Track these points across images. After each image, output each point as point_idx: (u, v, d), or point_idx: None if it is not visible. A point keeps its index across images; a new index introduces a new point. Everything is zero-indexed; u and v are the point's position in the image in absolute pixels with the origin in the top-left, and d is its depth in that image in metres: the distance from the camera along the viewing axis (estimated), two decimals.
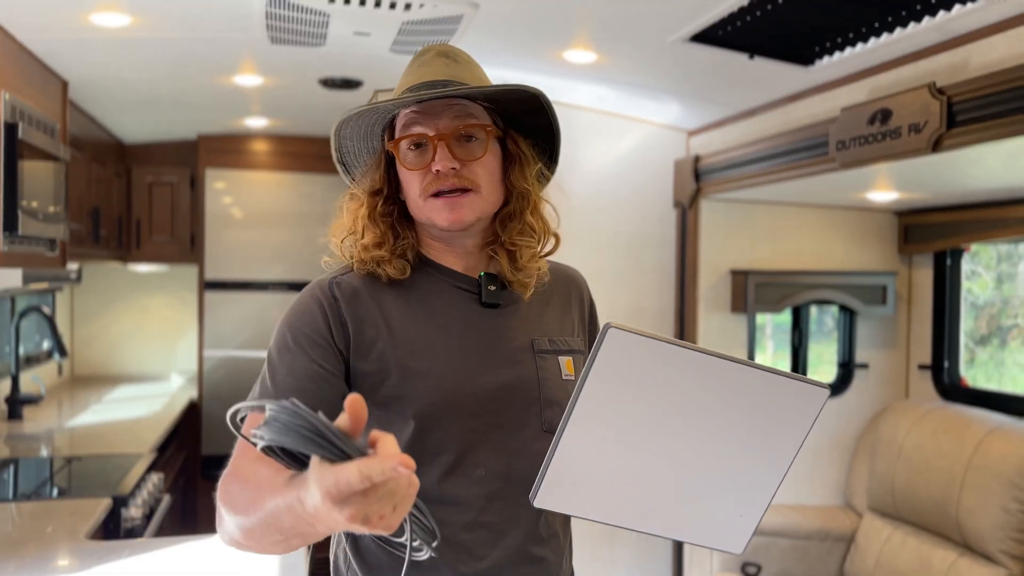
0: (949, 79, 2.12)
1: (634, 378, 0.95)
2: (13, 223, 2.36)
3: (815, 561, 3.22)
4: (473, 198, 1.21)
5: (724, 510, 1.06)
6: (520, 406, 1.22)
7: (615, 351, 0.93)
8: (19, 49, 2.49)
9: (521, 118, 1.29)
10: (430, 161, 1.20)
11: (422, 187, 1.21)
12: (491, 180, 1.24)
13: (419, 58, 1.28)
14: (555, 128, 1.30)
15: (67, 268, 3.08)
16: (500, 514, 1.20)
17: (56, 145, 2.77)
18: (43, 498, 2.52)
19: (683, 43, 2.42)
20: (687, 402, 0.98)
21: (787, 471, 1.03)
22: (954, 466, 2.78)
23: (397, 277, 1.23)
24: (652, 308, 3.52)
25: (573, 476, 1.00)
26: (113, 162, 4.18)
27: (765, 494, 1.05)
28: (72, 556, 1.95)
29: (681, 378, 0.96)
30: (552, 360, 1.26)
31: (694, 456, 1.02)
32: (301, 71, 3.04)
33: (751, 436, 1.01)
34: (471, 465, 1.19)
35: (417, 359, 1.20)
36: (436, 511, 1.17)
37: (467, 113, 1.22)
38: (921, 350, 3.40)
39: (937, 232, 3.26)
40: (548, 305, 1.33)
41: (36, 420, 3.59)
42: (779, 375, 0.98)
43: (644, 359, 0.94)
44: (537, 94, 1.24)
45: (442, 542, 1.17)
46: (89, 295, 4.81)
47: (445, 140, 1.19)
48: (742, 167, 2.96)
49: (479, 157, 1.21)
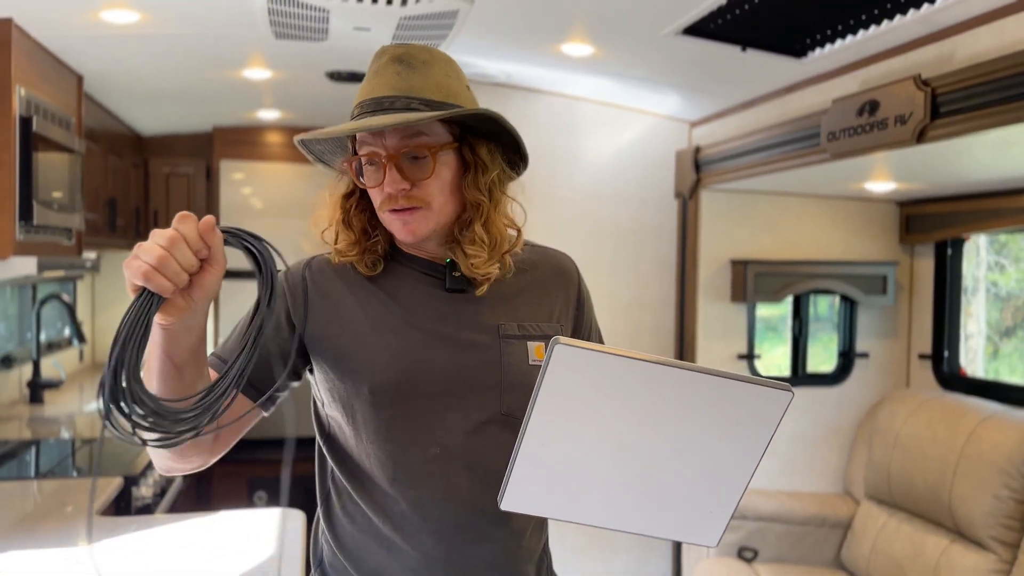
0: (936, 71, 2.14)
1: (587, 390, 0.96)
2: (28, 213, 2.45)
3: (811, 547, 3.27)
4: (425, 213, 1.22)
5: (693, 507, 1.06)
6: (479, 389, 1.25)
7: (564, 365, 0.93)
8: (34, 45, 2.58)
9: (479, 125, 1.25)
10: (382, 180, 1.21)
11: (379, 203, 1.24)
12: (444, 194, 1.23)
13: (375, 63, 1.26)
14: (516, 138, 1.27)
15: (83, 257, 3.19)
16: (453, 492, 1.22)
17: (71, 138, 2.86)
18: (59, 476, 2.63)
19: (676, 36, 2.47)
20: (644, 410, 0.98)
21: (755, 469, 1.03)
22: (948, 454, 2.81)
23: (368, 274, 1.28)
24: (652, 298, 3.57)
25: (537, 480, 1.01)
26: (131, 154, 4.29)
27: (734, 492, 1.05)
28: (80, 531, 2.05)
29: (635, 388, 0.96)
30: (519, 345, 1.28)
31: (658, 460, 1.02)
32: (308, 65, 3.11)
33: (713, 440, 1.01)
34: (426, 443, 1.22)
35: (377, 336, 1.24)
36: (390, 487, 1.23)
37: (416, 131, 1.20)
38: (922, 340, 3.42)
39: (938, 222, 3.28)
40: (522, 290, 1.34)
41: (56, 403, 3.72)
42: (738, 380, 0.97)
43: (595, 372, 0.94)
44: (494, 117, 1.21)
45: (395, 517, 1.23)
46: (109, 283, 4.93)
47: (394, 161, 1.19)
48: (739, 158, 3.00)
49: (428, 176, 1.20)
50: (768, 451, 1.03)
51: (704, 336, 3.38)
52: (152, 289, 0.95)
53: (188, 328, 1.04)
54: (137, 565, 1.83)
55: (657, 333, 3.58)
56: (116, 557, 1.88)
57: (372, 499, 1.25)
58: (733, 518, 1.07)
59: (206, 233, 0.98)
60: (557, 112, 3.43)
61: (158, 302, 0.97)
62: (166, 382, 1.06)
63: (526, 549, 1.31)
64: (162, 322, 1.00)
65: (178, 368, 1.06)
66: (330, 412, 1.29)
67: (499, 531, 1.25)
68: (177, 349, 1.04)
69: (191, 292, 1.00)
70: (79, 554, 1.88)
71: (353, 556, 1.28)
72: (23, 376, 3.73)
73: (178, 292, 0.98)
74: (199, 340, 1.07)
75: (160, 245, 0.95)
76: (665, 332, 3.59)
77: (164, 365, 1.05)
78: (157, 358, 1.04)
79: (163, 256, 0.94)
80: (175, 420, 0.99)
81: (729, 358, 3.41)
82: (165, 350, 1.04)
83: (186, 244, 0.96)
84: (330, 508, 1.32)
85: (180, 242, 0.96)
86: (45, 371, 3.85)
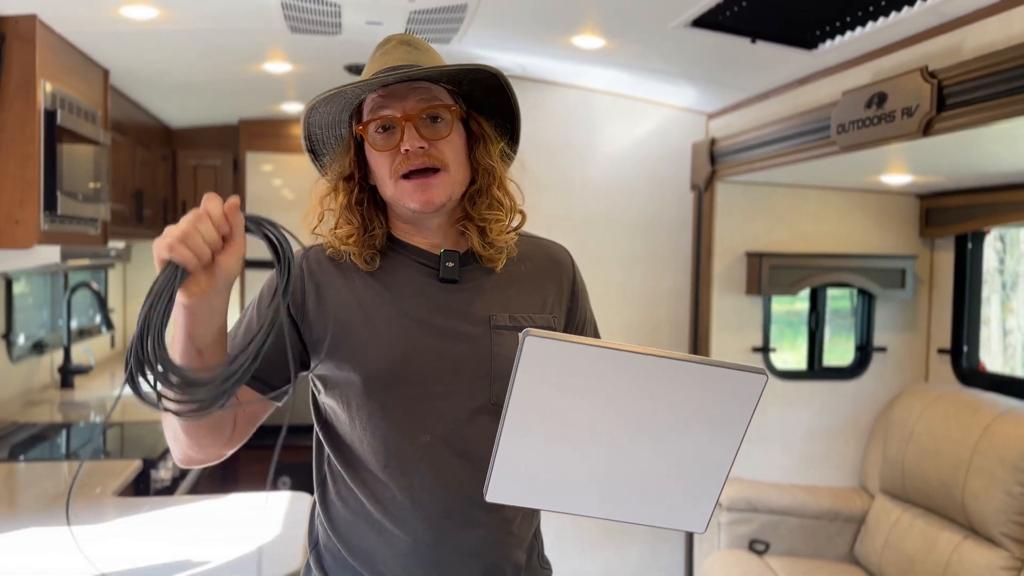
0: (943, 63, 2.12)
1: (561, 381, 0.97)
2: (53, 204, 2.54)
3: (824, 541, 3.25)
4: (442, 177, 1.26)
5: (677, 494, 1.07)
6: (469, 378, 1.27)
7: (536, 358, 0.94)
8: (59, 40, 2.66)
9: (483, 99, 1.34)
10: (398, 142, 1.24)
11: (392, 168, 1.26)
12: (458, 159, 1.29)
13: (382, 47, 1.34)
14: (515, 108, 1.34)
15: (109, 246, 3.28)
16: (443, 479, 1.26)
17: (97, 130, 2.95)
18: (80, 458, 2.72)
19: (685, 28, 2.47)
20: (619, 399, 0.99)
21: (735, 454, 1.04)
22: (961, 450, 2.79)
23: (366, 269, 1.30)
24: (667, 290, 3.57)
25: (520, 471, 1.03)
26: (159, 146, 4.39)
27: (717, 477, 1.05)
28: (94, 510, 2.13)
29: (609, 377, 0.97)
30: (510, 336, 1.30)
31: (637, 448, 1.03)
32: (325, 58, 3.16)
33: (691, 426, 1.02)
34: (417, 431, 1.26)
35: (369, 326, 1.27)
36: (382, 472, 1.27)
37: (432, 95, 1.27)
38: (942, 334, 3.38)
39: (958, 215, 3.24)
40: (516, 281, 1.36)
41: (86, 388, 3.83)
42: (711, 366, 0.97)
43: (567, 362, 0.95)
44: (496, 73, 1.28)
45: (386, 501, 1.27)
46: (140, 272, 5.06)
47: (412, 121, 1.24)
48: (753, 150, 2.99)
49: (445, 136, 1.26)
50: (783, 445, 1.04)
51: (718, 329, 3.38)
52: (177, 260, 1.00)
53: (210, 310, 1.08)
54: (138, 544, 1.90)
55: (671, 325, 3.59)
56: (116, 536, 1.95)
57: (365, 484, 1.29)
58: (743, 511, 1.07)
59: (230, 212, 1.03)
60: (573, 104, 3.45)
61: (182, 275, 1.01)
62: (188, 365, 1.11)
63: (515, 536, 1.33)
64: (185, 301, 1.05)
65: (200, 352, 1.10)
66: (325, 400, 1.33)
67: (488, 517, 1.28)
68: (200, 331, 1.09)
69: (214, 271, 1.05)
70: (99, 533, 1.96)
71: (346, 539, 1.32)
72: (54, 362, 3.86)
73: (201, 269, 1.03)
74: (221, 324, 1.12)
75: (186, 220, 1.01)
76: (679, 324, 3.59)
77: (186, 348, 1.09)
78: (180, 341, 1.09)
79: (188, 230, 1.00)
80: (199, 386, 1.03)
81: (743, 351, 3.40)
82: (188, 332, 1.08)
83: (210, 220, 1.02)
84: (325, 492, 1.36)
85: (204, 218, 1.02)
86: (76, 357, 3.97)
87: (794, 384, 3.45)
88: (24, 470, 2.56)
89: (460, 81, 1.30)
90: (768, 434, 3.39)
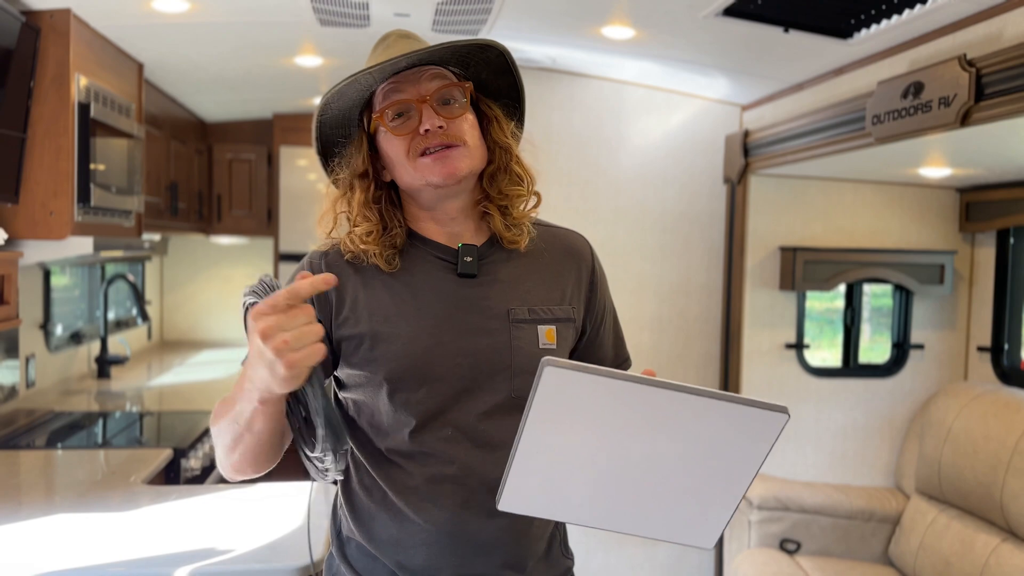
0: (982, 51, 2.06)
1: (579, 408, 0.96)
2: (86, 195, 2.58)
3: (857, 541, 3.19)
4: (462, 151, 1.26)
5: (688, 515, 1.07)
6: (490, 373, 1.27)
7: (555, 387, 0.93)
8: (93, 34, 2.70)
9: (489, 82, 1.35)
10: (416, 125, 1.25)
11: (409, 149, 1.26)
12: (475, 136, 1.29)
13: (382, 42, 1.34)
14: (520, 89, 1.35)
15: (143, 238, 3.32)
16: (465, 470, 1.26)
17: (131, 123, 2.99)
18: (116, 447, 2.76)
19: (716, 17, 2.43)
20: (636, 427, 0.98)
21: (749, 484, 1.04)
22: (1000, 450, 2.71)
23: (387, 270, 1.29)
24: (699, 284, 3.53)
25: (533, 484, 1.04)
26: (194, 139, 4.44)
27: (730, 503, 1.05)
28: (126, 498, 2.16)
29: (627, 407, 0.96)
30: (529, 329, 1.30)
31: (650, 472, 1.03)
32: (355, 52, 3.16)
33: (707, 457, 1.01)
34: (439, 425, 1.26)
35: (389, 325, 1.27)
36: (405, 463, 1.28)
37: (443, 75, 1.28)
38: (982, 331, 3.30)
39: (1000, 209, 3.15)
40: (533, 273, 1.35)
41: (122, 379, 3.89)
42: (731, 402, 0.95)
43: (586, 392, 0.95)
44: (504, 51, 1.30)
45: (408, 492, 1.27)
46: (176, 265, 5.13)
47: (428, 102, 1.25)
48: (787, 142, 2.94)
49: (463, 113, 1.27)
50: (816, 443, 1.03)
51: (750, 324, 3.33)
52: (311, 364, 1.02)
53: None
54: (165, 532, 1.92)
55: (703, 320, 3.54)
56: (145, 523, 1.98)
57: (387, 475, 1.29)
58: (774, 509, 1.08)
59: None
60: (605, 96, 3.42)
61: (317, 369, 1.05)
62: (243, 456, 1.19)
63: (536, 526, 1.33)
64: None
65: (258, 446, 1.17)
66: (347, 395, 1.34)
67: None
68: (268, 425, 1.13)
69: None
70: (133, 520, 1.99)
71: (368, 528, 1.32)
72: (91, 352, 3.92)
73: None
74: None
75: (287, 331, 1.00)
76: (711, 319, 3.55)
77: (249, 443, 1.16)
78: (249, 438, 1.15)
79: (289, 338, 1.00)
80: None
81: (776, 347, 3.35)
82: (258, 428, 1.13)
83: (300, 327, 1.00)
84: (348, 482, 1.37)
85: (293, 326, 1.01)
86: (112, 348, 4.04)
87: (828, 381, 3.38)
88: (61, 457, 2.61)
89: (468, 64, 1.31)
90: (801, 432, 3.33)
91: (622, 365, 1.48)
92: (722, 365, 3.50)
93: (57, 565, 1.70)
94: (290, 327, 0.97)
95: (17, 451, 2.63)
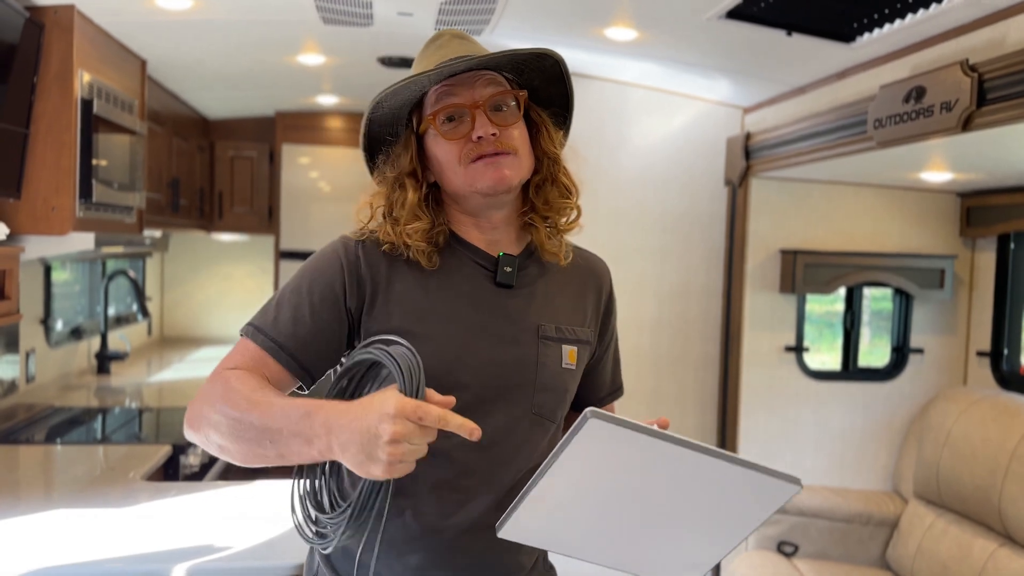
0: (985, 56, 2.06)
1: (608, 459, 0.99)
2: (88, 191, 2.58)
3: (855, 544, 3.20)
4: (513, 159, 1.24)
5: (681, 556, 1.12)
6: (514, 386, 1.27)
7: (592, 437, 0.95)
8: (96, 31, 2.70)
9: (539, 89, 1.33)
10: (468, 130, 1.23)
11: (461, 155, 1.24)
12: (525, 146, 1.27)
13: (435, 41, 1.32)
14: (570, 97, 1.33)
15: (144, 234, 3.33)
16: (472, 479, 1.25)
17: (133, 120, 2.99)
18: (115, 443, 2.77)
19: (719, 20, 2.43)
20: (656, 481, 1.02)
21: (748, 535, 1.10)
22: (999, 455, 2.72)
23: (428, 267, 1.27)
24: (699, 286, 3.53)
25: (538, 519, 1.06)
26: (197, 136, 4.44)
27: (723, 549, 1.11)
28: (125, 494, 2.16)
29: (654, 463, 0.99)
30: (555, 347, 1.30)
31: (657, 519, 1.06)
32: (359, 50, 3.17)
33: (715, 512, 1.06)
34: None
35: (421, 325, 1.25)
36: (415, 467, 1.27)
37: (497, 82, 1.26)
38: (981, 336, 3.30)
39: (1001, 214, 3.15)
40: (563, 291, 1.35)
41: (122, 375, 3.90)
42: (753, 469, 1.00)
43: (621, 446, 0.97)
44: (560, 60, 1.28)
45: (407, 494, 1.26)
46: (177, 262, 5.14)
47: (482, 108, 1.23)
48: (788, 145, 2.94)
49: (516, 121, 1.26)
50: (815, 446, 1.10)
51: (750, 326, 3.33)
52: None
53: None
54: (163, 528, 1.92)
55: (703, 322, 3.55)
56: (144, 520, 1.98)
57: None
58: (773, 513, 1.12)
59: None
60: (607, 97, 3.42)
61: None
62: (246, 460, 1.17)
63: None
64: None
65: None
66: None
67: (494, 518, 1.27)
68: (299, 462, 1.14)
69: None
70: (132, 516, 1.99)
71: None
72: (92, 348, 3.93)
73: None
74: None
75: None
76: (711, 321, 3.55)
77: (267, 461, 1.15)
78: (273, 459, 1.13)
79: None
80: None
81: (776, 350, 3.35)
82: (289, 461, 1.13)
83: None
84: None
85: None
86: (112, 344, 4.04)
87: (828, 385, 3.39)
88: (60, 453, 2.61)
89: (522, 70, 1.30)
90: (800, 435, 3.33)
91: (615, 392, 1.49)
92: (721, 367, 3.50)
93: (55, 560, 1.71)
94: (417, 444, 1.00)
95: (16, 446, 2.63)
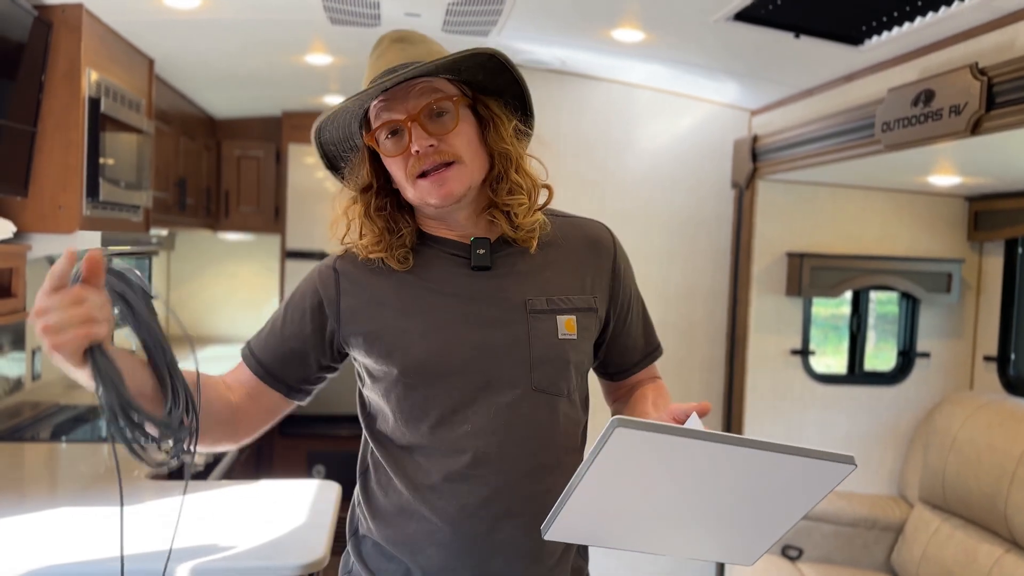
0: (994, 59, 2.05)
1: (644, 462, 0.96)
2: (95, 190, 2.58)
3: (860, 548, 3.18)
4: (458, 169, 1.24)
5: (735, 540, 1.09)
6: (509, 365, 1.26)
7: (622, 446, 0.93)
8: (104, 29, 2.71)
9: (487, 81, 1.30)
10: (408, 144, 1.23)
11: (407, 171, 1.25)
12: (471, 148, 1.27)
13: (376, 50, 1.32)
14: (521, 83, 1.31)
15: (151, 233, 3.33)
16: (484, 468, 1.25)
17: (140, 119, 2.99)
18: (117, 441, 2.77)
19: (727, 22, 2.42)
20: (698, 478, 0.99)
21: (803, 515, 1.05)
22: (1005, 460, 2.70)
23: (400, 269, 1.30)
24: (705, 288, 3.52)
25: (583, 519, 1.05)
26: (203, 135, 4.45)
27: (777, 531, 1.07)
28: (130, 492, 2.16)
29: (690, 460, 0.96)
30: (548, 319, 1.29)
31: (705, 512, 1.04)
32: (366, 51, 3.13)
33: (766, 499, 1.02)
34: (458, 421, 1.26)
35: (405, 320, 1.28)
36: (423, 460, 1.27)
37: (432, 89, 1.24)
38: (988, 341, 3.28)
39: (1008, 219, 3.14)
40: (552, 263, 1.34)
41: None
42: (801, 455, 0.94)
43: (651, 448, 0.94)
44: (495, 54, 1.25)
45: (425, 489, 1.26)
46: (183, 261, 5.14)
47: (416, 120, 1.22)
48: (795, 148, 2.93)
49: (453, 129, 1.24)
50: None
51: (756, 329, 3.32)
52: (88, 344, 1.03)
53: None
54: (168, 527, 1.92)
55: (708, 324, 3.54)
56: (149, 518, 1.98)
57: (405, 473, 1.29)
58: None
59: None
60: (614, 99, 3.41)
61: (100, 350, 1.04)
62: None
63: None
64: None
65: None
66: (368, 393, 1.35)
67: (526, 507, 1.26)
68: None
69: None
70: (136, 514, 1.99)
71: (385, 528, 1.32)
72: None
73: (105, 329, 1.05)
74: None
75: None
76: (717, 323, 3.54)
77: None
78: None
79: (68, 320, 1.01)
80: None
81: (781, 353, 3.34)
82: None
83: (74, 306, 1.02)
84: (367, 481, 1.37)
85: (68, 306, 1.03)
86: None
87: (833, 388, 3.38)
88: (65, 451, 2.62)
89: (459, 69, 1.28)
90: (805, 438, 3.32)
91: (653, 353, 1.49)
92: (727, 370, 3.50)
93: (59, 558, 1.71)
94: (58, 315, 1.00)
95: (22, 443, 2.64)
